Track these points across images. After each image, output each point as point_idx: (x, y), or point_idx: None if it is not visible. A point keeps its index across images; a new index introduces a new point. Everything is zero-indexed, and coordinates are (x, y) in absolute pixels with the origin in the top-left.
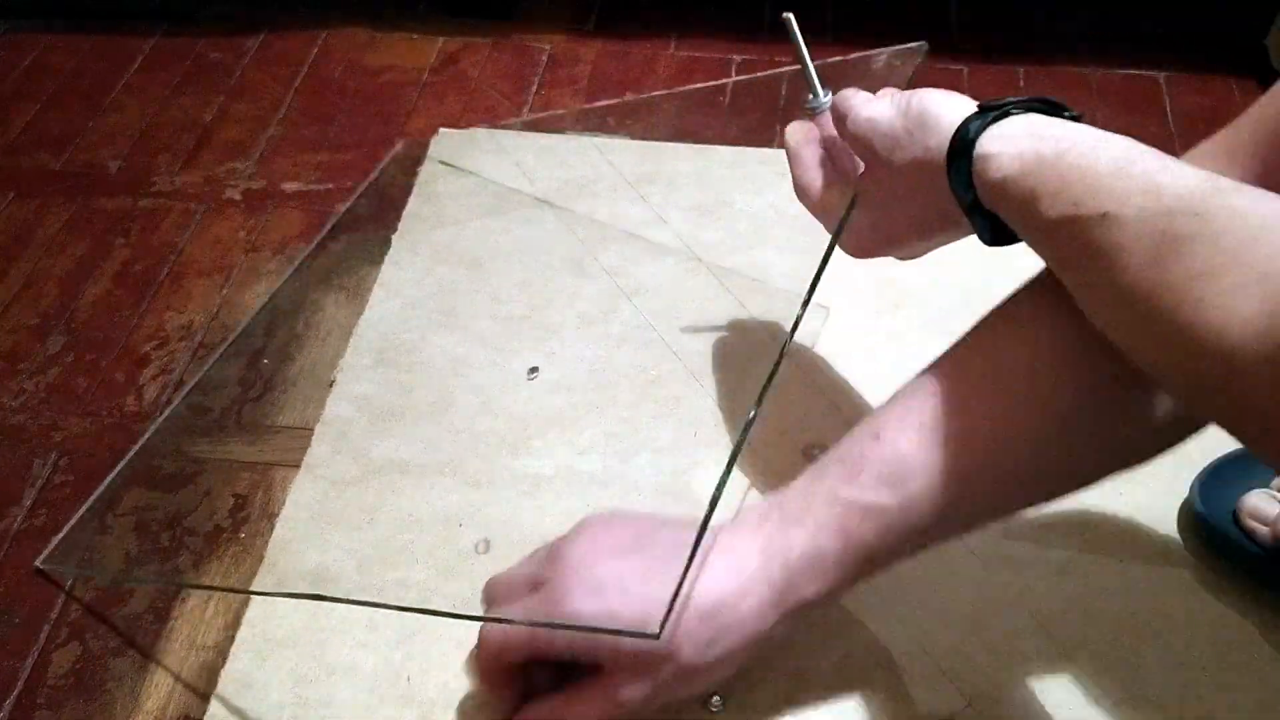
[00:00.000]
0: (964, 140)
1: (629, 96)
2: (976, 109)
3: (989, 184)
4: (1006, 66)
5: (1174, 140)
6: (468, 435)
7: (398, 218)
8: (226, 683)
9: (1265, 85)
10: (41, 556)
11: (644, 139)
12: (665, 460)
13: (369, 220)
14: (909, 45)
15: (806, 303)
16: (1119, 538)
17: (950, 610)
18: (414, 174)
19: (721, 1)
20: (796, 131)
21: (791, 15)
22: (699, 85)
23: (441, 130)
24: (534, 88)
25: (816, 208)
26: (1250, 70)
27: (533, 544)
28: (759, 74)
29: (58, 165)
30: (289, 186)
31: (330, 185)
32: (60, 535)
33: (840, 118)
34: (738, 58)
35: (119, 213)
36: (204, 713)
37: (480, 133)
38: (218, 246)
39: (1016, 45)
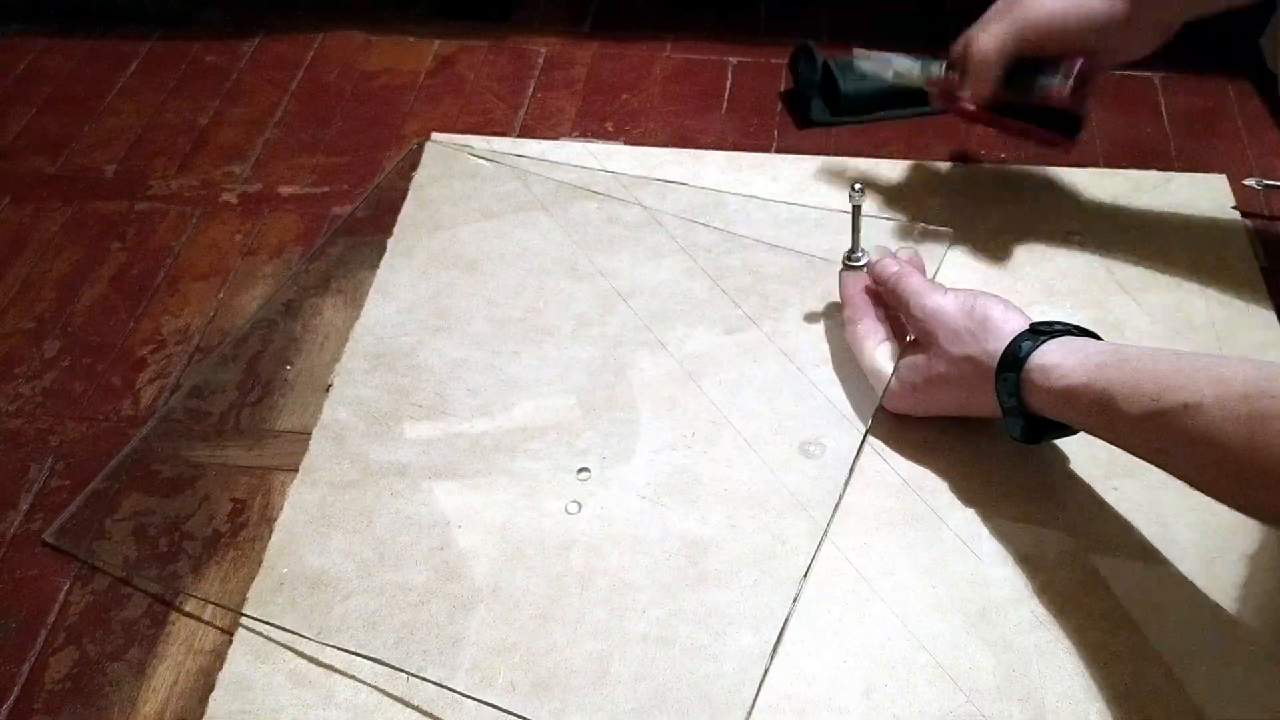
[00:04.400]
0: (1015, 357)
1: (625, 98)
2: (1029, 327)
3: (1053, 390)
4: None
5: (1169, 141)
6: (465, 438)
7: (394, 221)
8: (224, 684)
9: (1260, 86)
10: (50, 530)
11: (639, 144)
12: (662, 461)
13: (365, 224)
14: (939, 229)
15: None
16: (1115, 533)
17: (948, 606)
18: (410, 178)
19: (718, 2)
20: (851, 284)
21: (861, 191)
22: None
23: (436, 134)
24: (530, 90)
25: (865, 357)
26: (1245, 71)
27: (531, 545)
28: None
29: (53, 169)
30: (285, 190)
31: (327, 188)
32: (69, 510)
33: (895, 293)
34: (734, 59)
35: (115, 216)
36: (202, 715)
37: (476, 136)
38: (214, 250)
39: None
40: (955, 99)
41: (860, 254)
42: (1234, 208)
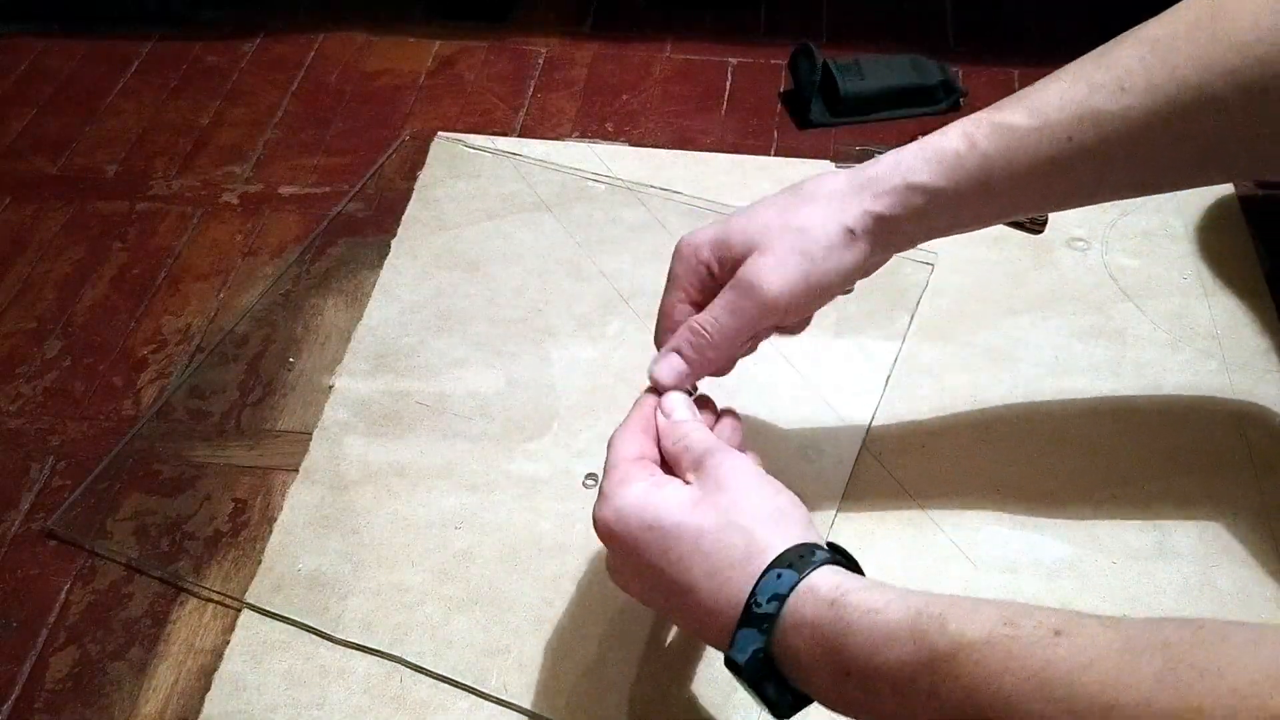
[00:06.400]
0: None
1: (625, 98)
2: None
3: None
4: (1001, 69)
5: None
6: (465, 438)
7: (396, 222)
8: (220, 684)
9: None
10: (54, 518)
11: (639, 144)
12: None
13: (368, 224)
14: (921, 261)
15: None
16: (1111, 538)
17: None
18: (413, 178)
19: (718, 3)
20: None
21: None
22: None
23: (440, 134)
24: (530, 90)
25: None
26: None
27: (529, 546)
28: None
29: (54, 169)
30: (286, 190)
31: (327, 189)
32: (71, 497)
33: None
34: (734, 60)
35: (116, 216)
36: (200, 715)
37: (479, 137)
38: (215, 250)
39: (1011, 48)
40: None
41: None
42: (1238, 211)
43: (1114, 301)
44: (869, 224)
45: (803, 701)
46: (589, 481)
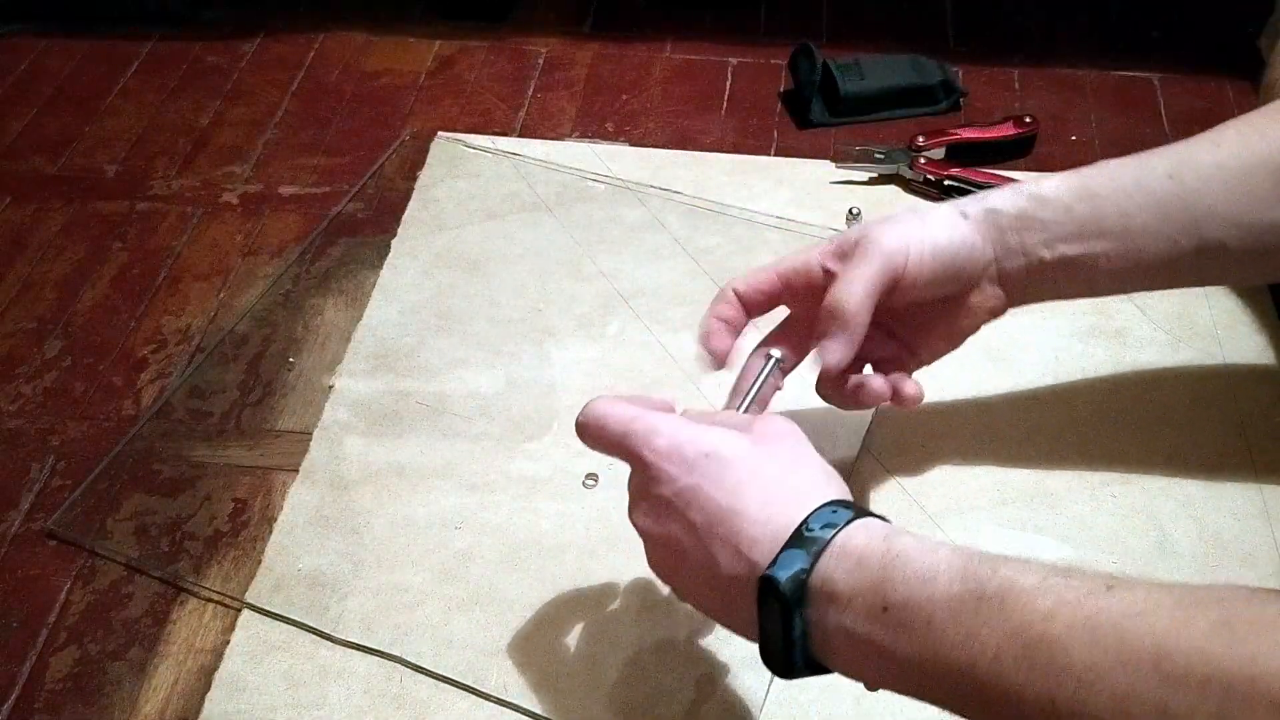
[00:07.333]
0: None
1: (625, 98)
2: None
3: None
4: (1001, 69)
5: (1169, 142)
6: (464, 438)
7: (396, 222)
8: (220, 684)
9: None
10: (53, 519)
11: (639, 145)
12: None
13: (368, 224)
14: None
15: None
16: (1111, 538)
17: None
18: (413, 178)
19: (718, 3)
20: None
21: (858, 215)
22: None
23: (440, 134)
24: (530, 90)
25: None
26: (1244, 72)
27: (527, 547)
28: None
29: (54, 169)
30: (286, 190)
31: (327, 189)
32: (71, 498)
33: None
34: (734, 60)
35: (116, 216)
36: (200, 716)
37: (479, 137)
38: (215, 250)
39: (1011, 48)
40: None
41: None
42: None
43: (1114, 301)
44: (979, 212)
45: (814, 668)
46: (589, 481)
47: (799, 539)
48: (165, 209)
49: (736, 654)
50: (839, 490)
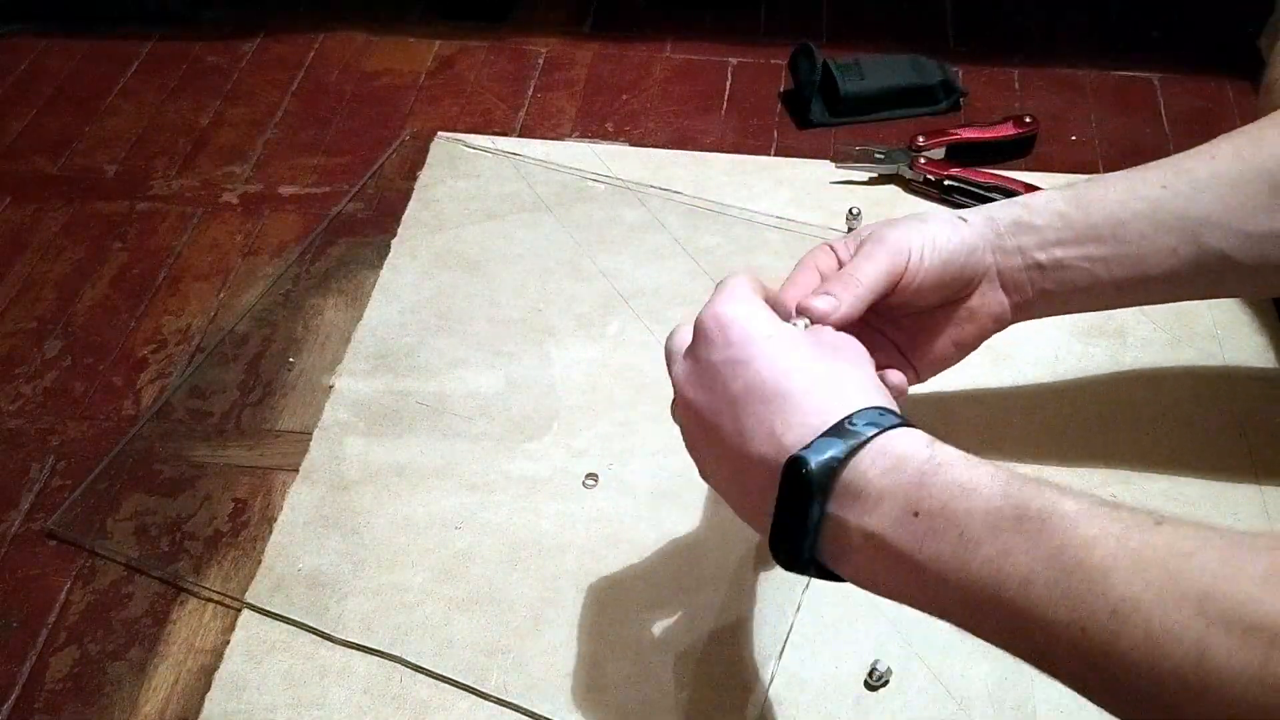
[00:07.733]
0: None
1: (625, 98)
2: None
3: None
4: (1001, 69)
5: (1169, 142)
6: (465, 438)
7: (397, 222)
8: (220, 684)
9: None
10: (54, 518)
11: (639, 144)
12: (661, 463)
13: (368, 224)
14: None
15: None
16: None
17: None
18: (413, 178)
19: (718, 3)
20: None
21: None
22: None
23: (440, 134)
24: (530, 90)
25: None
26: (1244, 72)
27: (527, 547)
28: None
29: (54, 169)
30: (286, 190)
31: (327, 188)
32: (70, 498)
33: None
34: (734, 60)
35: (116, 216)
36: (200, 715)
37: (479, 137)
38: (215, 250)
39: (1011, 48)
40: None
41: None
42: None
43: None
44: (977, 218)
45: (821, 571)
46: (589, 481)
47: (839, 430)
48: (165, 209)
49: (737, 653)
50: (891, 405)
